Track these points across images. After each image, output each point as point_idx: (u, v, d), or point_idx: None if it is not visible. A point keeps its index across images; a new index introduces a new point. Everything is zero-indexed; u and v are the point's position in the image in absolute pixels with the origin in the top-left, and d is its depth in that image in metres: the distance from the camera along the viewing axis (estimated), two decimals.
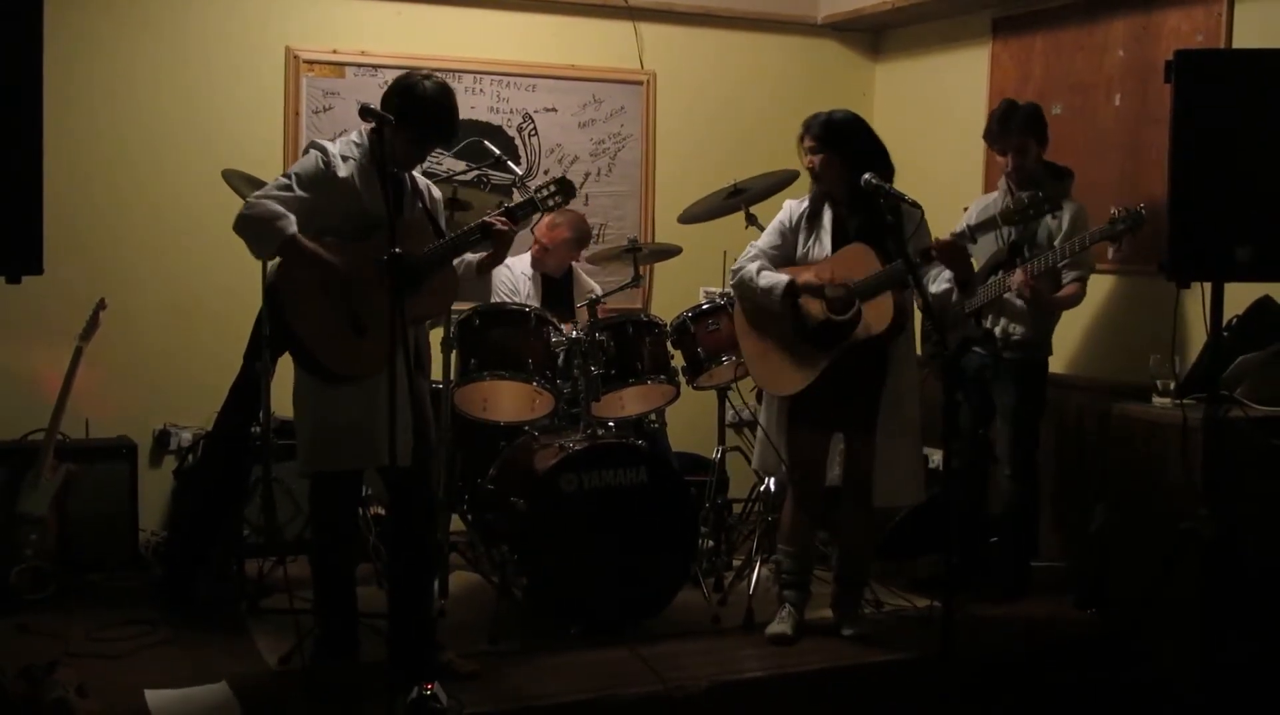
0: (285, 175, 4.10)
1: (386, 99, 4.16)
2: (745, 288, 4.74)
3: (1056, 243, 5.10)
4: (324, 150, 4.11)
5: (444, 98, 4.16)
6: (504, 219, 4.24)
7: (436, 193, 4.48)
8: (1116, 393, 5.27)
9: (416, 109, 4.10)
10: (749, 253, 4.78)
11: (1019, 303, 5.17)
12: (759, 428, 4.92)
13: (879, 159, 4.55)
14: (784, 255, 4.76)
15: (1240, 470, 4.37)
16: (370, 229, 4.07)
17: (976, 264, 5.17)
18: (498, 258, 4.40)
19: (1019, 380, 5.26)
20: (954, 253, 4.45)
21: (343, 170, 4.08)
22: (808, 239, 4.74)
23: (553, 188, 4.40)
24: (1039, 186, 5.17)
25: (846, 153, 4.59)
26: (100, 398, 5.74)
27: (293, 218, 3.97)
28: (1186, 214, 4.00)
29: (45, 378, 5.52)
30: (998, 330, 5.25)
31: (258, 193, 4.07)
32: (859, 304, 4.53)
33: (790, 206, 4.82)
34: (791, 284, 4.61)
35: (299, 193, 4.03)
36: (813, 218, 4.75)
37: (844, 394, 4.64)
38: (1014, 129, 5.20)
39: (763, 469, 5.10)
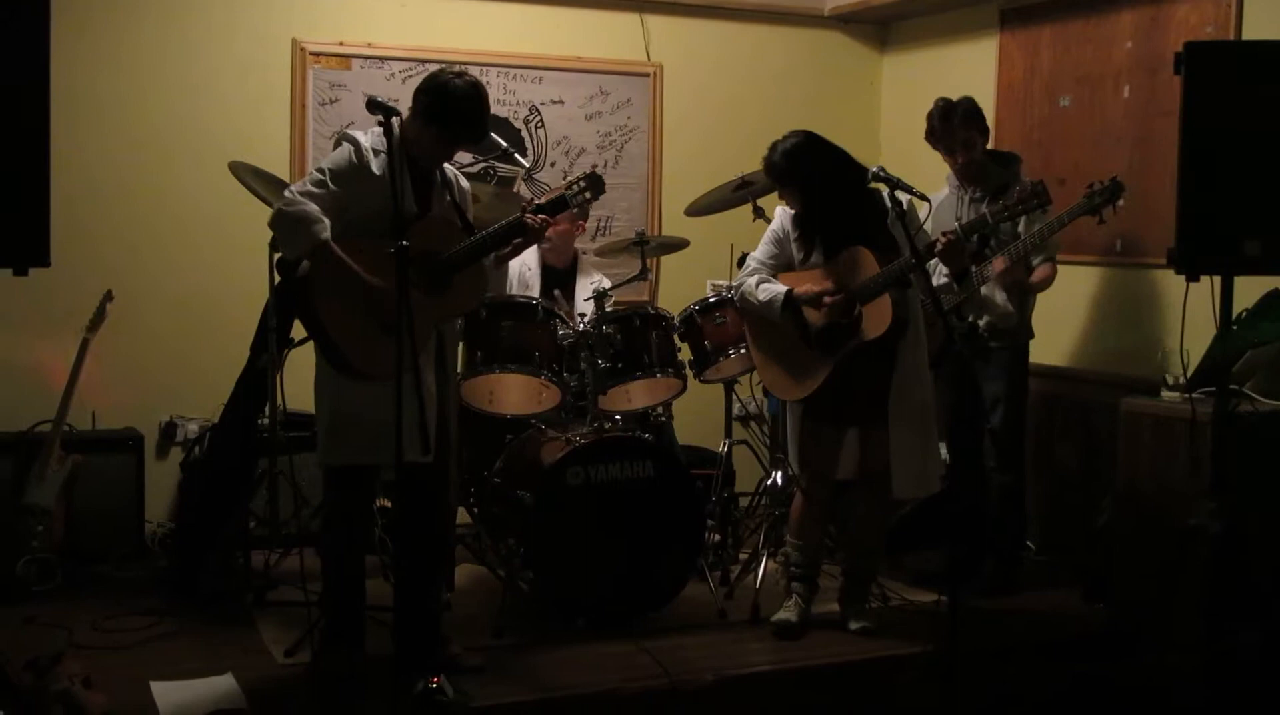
0: (319, 170, 4.07)
1: (417, 95, 4.13)
2: (746, 302, 4.81)
3: (1021, 227, 5.09)
4: (356, 144, 4.07)
5: (475, 96, 4.12)
6: (537, 217, 4.24)
7: (465, 183, 4.45)
8: (1125, 386, 5.26)
9: (446, 107, 4.06)
10: (748, 266, 4.84)
11: (997, 298, 5.16)
12: (789, 435, 4.92)
13: (835, 175, 4.61)
14: (782, 263, 4.80)
15: (1249, 464, 4.35)
16: (400, 225, 4.06)
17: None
18: (520, 251, 4.40)
19: (1005, 368, 5.26)
20: (954, 250, 4.48)
21: (374, 165, 4.05)
22: (802, 246, 4.76)
23: (583, 183, 4.39)
24: (988, 177, 5.19)
25: (798, 184, 4.67)
26: (107, 389, 5.75)
27: (327, 223, 3.95)
28: (1196, 207, 3.99)
29: (52, 369, 5.53)
30: (982, 323, 5.23)
31: (294, 188, 4.05)
32: (859, 307, 4.53)
33: (782, 215, 4.84)
34: (789, 295, 4.65)
35: (333, 188, 4.00)
36: (804, 224, 4.77)
37: (854, 390, 4.64)
38: (957, 125, 5.19)
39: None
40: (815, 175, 4.62)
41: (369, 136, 4.10)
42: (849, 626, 4.81)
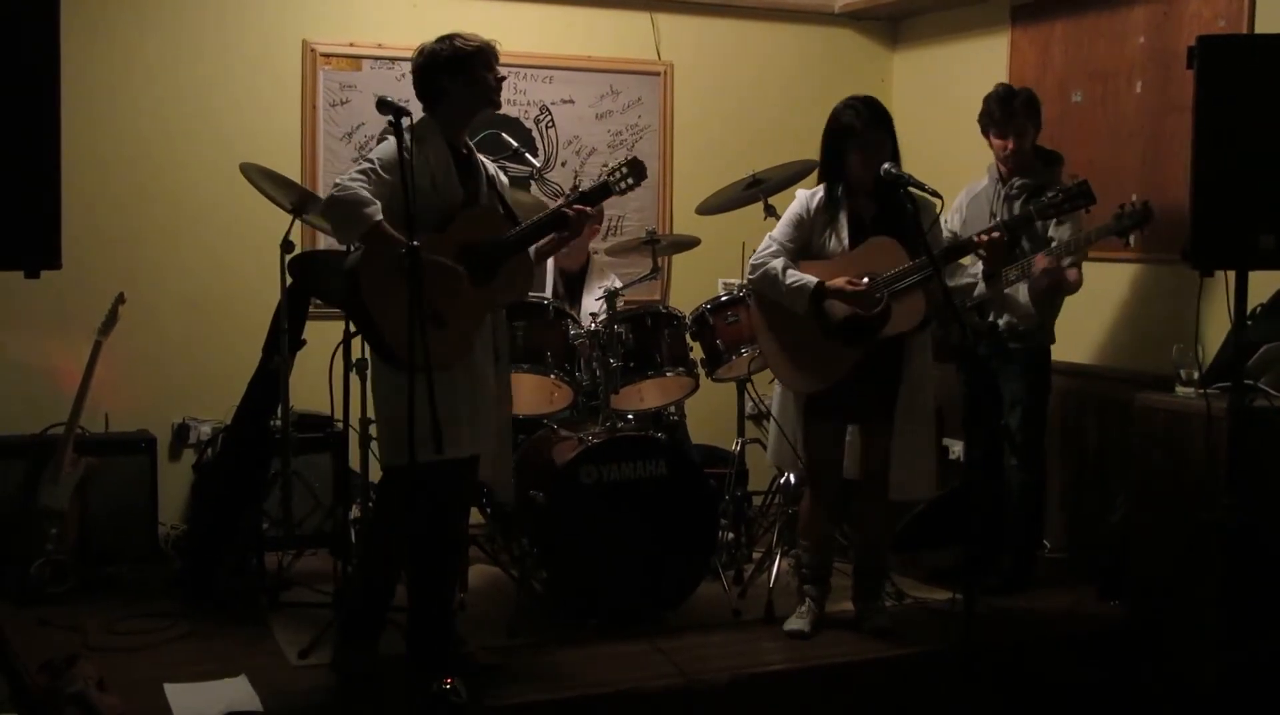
0: (367, 159, 4.06)
1: (429, 70, 4.16)
2: (768, 284, 4.65)
3: (1052, 232, 5.05)
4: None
5: (471, 36, 4.18)
6: (580, 207, 4.24)
7: (504, 177, 4.47)
8: (1139, 382, 5.24)
9: (463, 60, 4.09)
10: (769, 247, 4.69)
11: (1020, 298, 5.13)
12: (773, 421, 4.89)
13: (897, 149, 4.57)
14: (800, 247, 4.70)
15: (1264, 460, 4.33)
16: (446, 218, 4.05)
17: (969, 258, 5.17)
18: (561, 244, 4.41)
19: (1026, 369, 5.24)
20: (999, 249, 4.51)
21: (420, 155, 4.06)
22: (824, 230, 4.68)
23: (624, 169, 4.36)
24: (1032, 172, 5.16)
25: (890, 138, 4.57)
26: (120, 391, 5.75)
27: (379, 205, 3.94)
28: (1209, 202, 3.97)
29: (65, 372, 5.53)
30: (1002, 322, 5.21)
31: (344, 176, 4.03)
32: (887, 299, 4.50)
33: (804, 196, 4.74)
34: (820, 287, 4.54)
35: (384, 176, 3.99)
36: (829, 208, 4.69)
37: (860, 386, 4.61)
38: (1016, 112, 5.15)
39: (778, 463, 5.06)
40: (893, 134, 4.57)
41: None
42: (863, 625, 4.79)
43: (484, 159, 4.36)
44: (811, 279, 4.55)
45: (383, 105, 3.91)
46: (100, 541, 5.35)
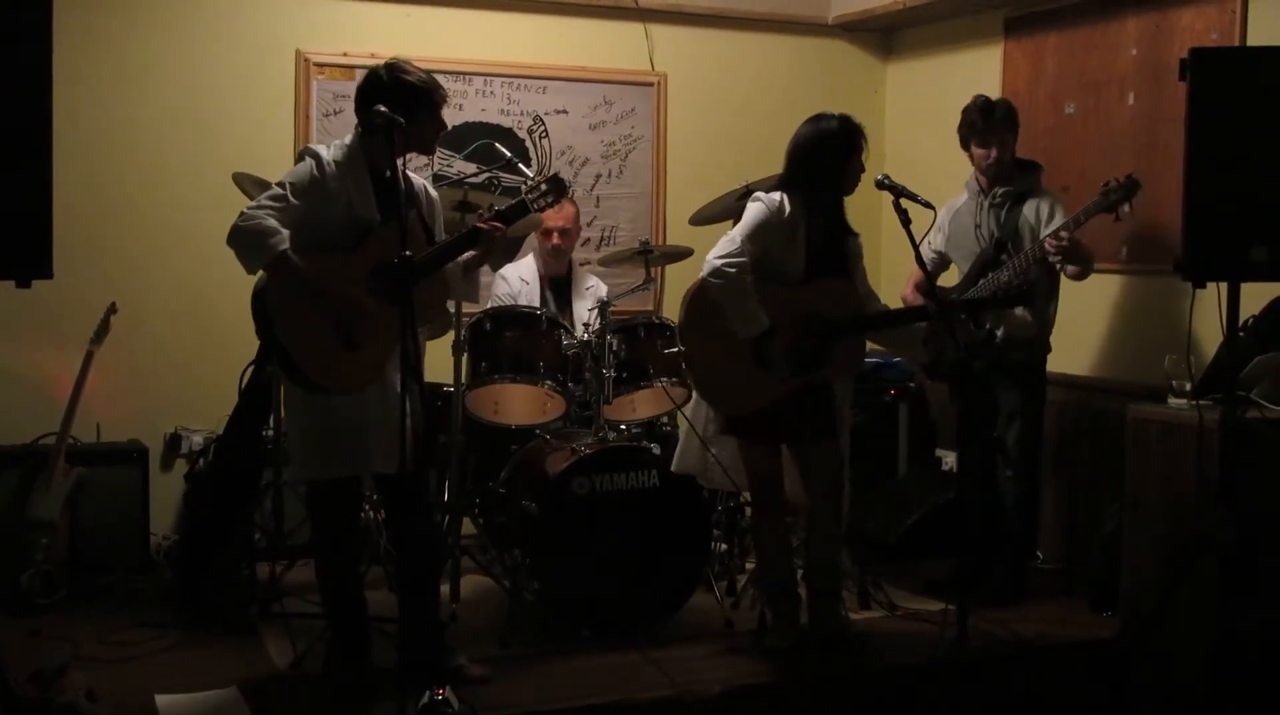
0: (279, 184, 4.01)
1: (369, 100, 4.05)
2: (730, 294, 4.47)
3: (1043, 233, 5.06)
4: (318, 157, 4.05)
5: (418, 72, 4.12)
6: (495, 223, 4.21)
7: (434, 193, 4.43)
8: (1132, 394, 5.25)
9: (407, 106, 4.01)
10: (740, 258, 4.46)
11: (1016, 310, 5.13)
12: (686, 423, 4.82)
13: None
14: (756, 257, 4.49)
15: (1257, 472, 4.33)
16: (362, 236, 4.04)
17: (964, 265, 5.19)
18: (483, 260, 4.37)
19: (1023, 380, 5.25)
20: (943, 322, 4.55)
21: (336, 177, 4.03)
22: (783, 245, 4.55)
23: (544, 187, 4.32)
24: (1011, 181, 5.18)
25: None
26: (111, 401, 5.74)
27: (285, 234, 3.88)
28: (1202, 213, 3.97)
29: (56, 381, 5.52)
30: (999, 333, 5.21)
31: (252, 204, 3.97)
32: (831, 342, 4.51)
33: (772, 202, 4.53)
34: (766, 336, 4.44)
35: (294, 202, 3.95)
36: (792, 222, 4.56)
37: (789, 408, 4.55)
38: (997, 123, 5.18)
39: (682, 469, 4.87)
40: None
41: (330, 149, 4.10)
42: (834, 638, 4.73)
43: (412, 175, 4.31)
44: (765, 321, 4.45)
45: (376, 115, 3.91)
46: (91, 551, 5.33)
